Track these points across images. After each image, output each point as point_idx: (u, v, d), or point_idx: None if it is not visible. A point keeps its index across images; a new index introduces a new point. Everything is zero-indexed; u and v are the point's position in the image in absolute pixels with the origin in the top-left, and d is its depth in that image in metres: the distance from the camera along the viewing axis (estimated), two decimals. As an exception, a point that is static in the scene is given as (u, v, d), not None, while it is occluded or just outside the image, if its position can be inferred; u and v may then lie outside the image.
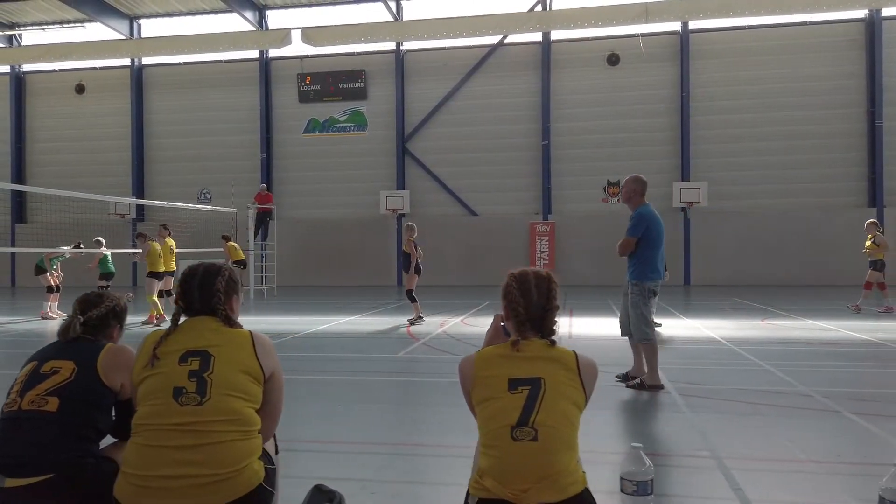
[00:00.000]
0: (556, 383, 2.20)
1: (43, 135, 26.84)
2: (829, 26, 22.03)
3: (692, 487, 3.71)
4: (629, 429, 5.05)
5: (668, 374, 6.81)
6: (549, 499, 2.02)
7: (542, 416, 2.13)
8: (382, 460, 4.17)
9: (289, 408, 5.64)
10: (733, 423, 4.98)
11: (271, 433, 2.54)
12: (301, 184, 25.07)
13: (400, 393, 6.52)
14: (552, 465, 2.07)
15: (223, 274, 2.57)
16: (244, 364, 2.37)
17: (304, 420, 5.24)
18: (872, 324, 10.96)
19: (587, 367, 2.29)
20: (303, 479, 3.33)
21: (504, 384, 2.20)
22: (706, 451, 4.24)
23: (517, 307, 2.34)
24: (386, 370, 7.58)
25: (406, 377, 7.28)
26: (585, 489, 2.11)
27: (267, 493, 2.32)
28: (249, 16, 23.78)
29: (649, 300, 6.08)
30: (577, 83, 23.49)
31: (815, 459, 4.06)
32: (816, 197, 22.03)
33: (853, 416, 5.01)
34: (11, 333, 11.39)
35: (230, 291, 2.57)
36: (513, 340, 2.31)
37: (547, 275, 2.45)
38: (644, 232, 6.07)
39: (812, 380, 6.40)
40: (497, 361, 2.28)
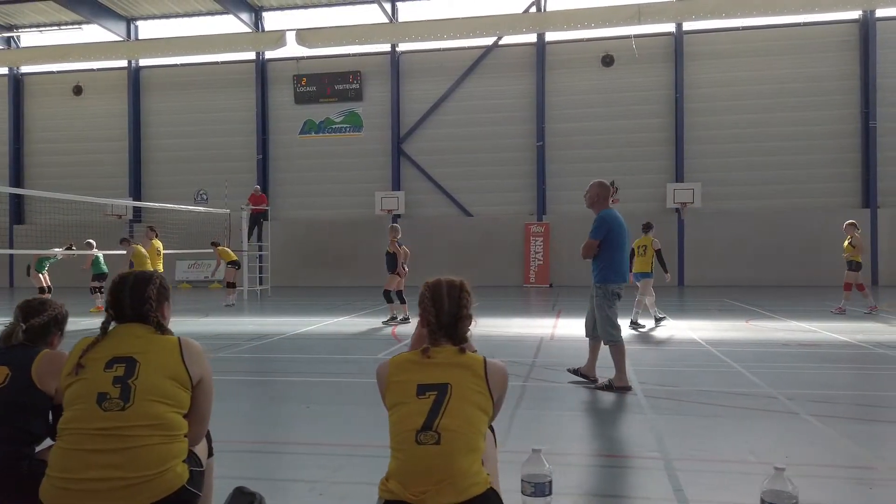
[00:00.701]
0: (462, 389, 2.27)
1: (41, 136, 27.00)
2: (822, 27, 22.06)
3: (635, 488, 3.79)
4: (589, 430, 5.12)
5: (640, 375, 6.90)
6: (448, 500, 2.10)
7: (446, 421, 2.20)
8: (339, 461, 4.25)
9: (259, 409, 5.77)
10: (691, 424, 5.05)
11: (200, 437, 2.61)
12: (297, 185, 25.19)
13: (371, 395, 6.56)
14: (453, 468, 2.15)
15: (154, 282, 2.64)
16: (170, 370, 2.45)
17: (271, 422, 5.33)
18: (855, 325, 11.00)
19: (495, 374, 2.36)
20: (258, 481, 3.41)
21: (413, 389, 2.28)
22: (657, 453, 4.31)
23: (429, 316, 2.43)
24: (363, 371, 7.65)
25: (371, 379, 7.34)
26: (488, 490, 2.18)
27: (191, 495, 2.40)
28: (245, 17, 23.89)
29: (614, 302, 6.18)
30: (571, 84, 23.55)
31: (762, 461, 4.13)
32: (810, 198, 22.06)
33: (811, 418, 5.08)
34: None
35: (161, 298, 2.65)
36: (423, 348, 2.39)
37: (460, 284, 2.53)
38: (606, 235, 6.17)
39: (780, 382, 6.47)
40: (408, 367, 2.36)
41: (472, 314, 2.58)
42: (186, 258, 23.95)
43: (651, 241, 10.98)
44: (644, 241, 11.05)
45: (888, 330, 10.55)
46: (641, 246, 11.08)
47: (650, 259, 10.98)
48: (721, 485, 3.78)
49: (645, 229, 11.16)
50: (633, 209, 22.98)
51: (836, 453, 4.27)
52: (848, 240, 13.01)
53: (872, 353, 8.21)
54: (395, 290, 11.99)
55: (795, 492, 2.10)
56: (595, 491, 3.72)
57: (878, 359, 7.88)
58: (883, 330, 10.54)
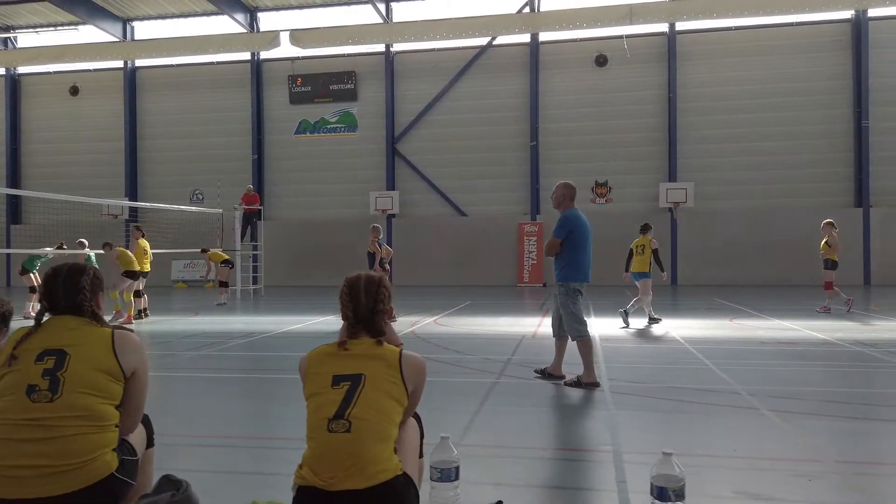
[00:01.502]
0: (375, 379, 2.35)
1: (38, 136, 27.15)
2: (815, 27, 22.11)
3: (581, 480, 3.87)
4: (549, 425, 5.19)
5: (612, 372, 6.98)
6: (356, 486, 2.18)
7: (358, 410, 2.28)
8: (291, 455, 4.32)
9: (221, 405, 5.84)
10: (650, 419, 5.12)
11: (134, 427, 2.69)
12: (292, 184, 25.29)
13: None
14: (362, 455, 2.22)
15: (87, 272, 2.72)
16: (100, 363, 2.52)
17: (234, 417, 5.41)
18: (838, 324, 11.07)
19: (410, 365, 2.44)
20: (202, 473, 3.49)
21: (329, 380, 2.37)
22: (610, 447, 4.39)
23: (346, 310, 2.51)
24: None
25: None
26: (397, 477, 2.26)
27: (121, 483, 2.48)
28: (240, 18, 24.00)
29: (577, 299, 6.27)
30: (565, 84, 23.62)
31: (710, 454, 4.21)
32: (803, 197, 22.10)
33: (769, 413, 5.15)
34: None
35: (95, 289, 2.72)
36: (341, 341, 2.47)
37: (378, 280, 2.60)
38: (568, 234, 6.26)
39: (748, 378, 6.54)
40: (325, 360, 2.45)
41: (392, 308, 2.65)
42: (182, 258, 24.06)
43: (649, 241, 11.12)
44: (642, 241, 11.19)
45: (868, 329, 10.61)
46: (639, 246, 11.21)
47: (647, 259, 11.10)
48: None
49: (643, 230, 11.29)
50: (626, 209, 23.09)
51: (785, 447, 4.34)
52: (825, 238, 13.13)
53: (847, 351, 8.27)
54: None
55: (683, 475, 2.18)
56: (542, 483, 3.79)
57: (852, 356, 7.94)
58: (863, 329, 10.60)
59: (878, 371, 7.08)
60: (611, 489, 3.59)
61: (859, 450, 4.31)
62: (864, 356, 7.90)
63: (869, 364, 7.44)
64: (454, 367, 7.40)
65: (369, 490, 2.17)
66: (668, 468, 2.15)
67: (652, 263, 11.25)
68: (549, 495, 3.60)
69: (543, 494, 3.62)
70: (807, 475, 3.76)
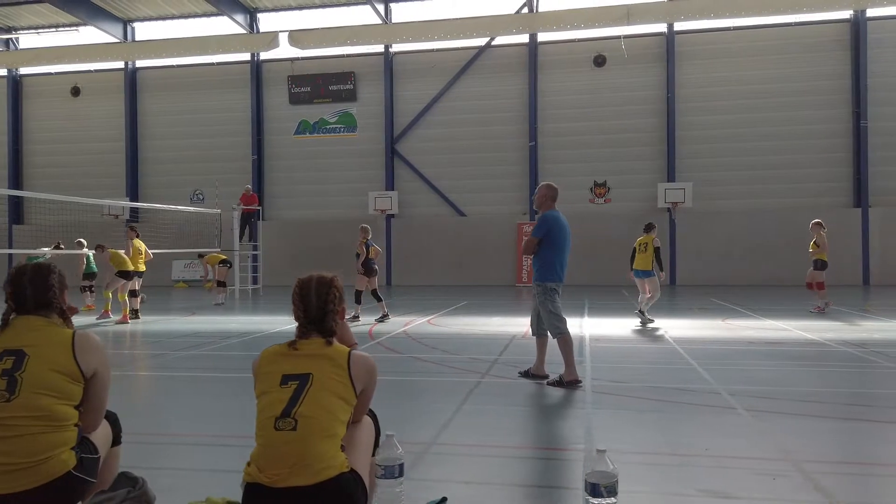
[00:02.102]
0: (323, 378, 2.40)
1: (39, 137, 27.30)
2: (814, 27, 22.09)
3: (549, 478, 3.91)
4: (525, 424, 5.23)
5: (596, 371, 7.02)
6: (300, 482, 2.23)
7: (304, 408, 2.33)
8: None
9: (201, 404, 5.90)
10: (625, 418, 5.16)
11: (95, 426, 2.73)
12: (292, 185, 25.38)
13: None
14: (308, 453, 2.28)
15: (54, 270, 2.78)
16: (59, 364, 2.57)
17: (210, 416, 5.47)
18: (828, 324, 11.09)
19: (358, 365, 2.49)
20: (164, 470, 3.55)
21: (278, 379, 2.42)
22: (581, 445, 4.44)
23: (298, 311, 2.56)
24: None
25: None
26: (342, 474, 2.30)
27: (79, 481, 2.53)
28: (240, 19, 24.10)
29: (555, 297, 6.33)
30: (563, 84, 23.65)
31: (680, 453, 4.25)
32: (802, 197, 22.08)
33: (745, 413, 5.19)
34: None
35: (62, 287, 2.78)
36: (291, 341, 2.53)
37: (329, 281, 2.64)
38: (545, 234, 6.35)
39: (730, 378, 6.58)
40: (275, 359, 2.50)
41: (343, 308, 2.69)
42: (182, 258, 24.17)
43: (652, 240, 11.28)
44: (646, 240, 11.35)
45: (858, 329, 10.62)
46: (643, 244, 11.38)
47: (650, 257, 11.23)
48: (628, 474, 3.89)
49: (647, 229, 11.44)
50: (625, 209, 23.12)
51: (756, 446, 4.37)
52: (814, 239, 13.19)
53: (834, 351, 8.29)
54: (365, 290, 12.15)
55: (615, 472, 2.23)
56: (511, 481, 3.83)
57: (837, 356, 7.96)
58: (853, 329, 10.61)
59: (861, 371, 7.10)
60: (576, 487, 3.63)
61: (828, 449, 4.35)
62: (850, 356, 7.92)
63: (853, 364, 7.46)
64: (440, 367, 7.45)
65: (314, 487, 2.22)
66: (602, 465, 2.20)
67: (653, 262, 11.35)
68: (516, 493, 3.65)
69: (511, 492, 3.66)
70: (772, 474, 3.80)
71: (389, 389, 6.60)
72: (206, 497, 2.45)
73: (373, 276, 12.23)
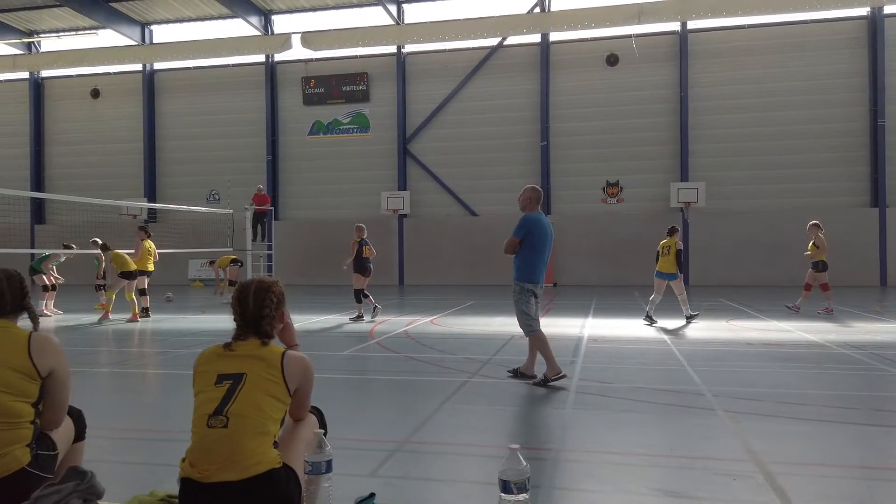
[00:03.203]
0: (256, 378, 2.50)
1: (61, 138, 27.83)
2: (830, 24, 21.81)
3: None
4: (502, 423, 5.28)
5: (585, 372, 7.07)
6: (230, 478, 2.33)
7: (236, 407, 2.43)
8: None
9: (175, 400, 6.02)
10: (602, 419, 5.20)
11: (55, 423, 2.86)
12: (305, 185, 25.62)
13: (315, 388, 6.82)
14: (238, 449, 2.37)
15: (20, 275, 2.92)
16: (14, 363, 2.70)
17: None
18: (832, 326, 11.00)
19: (291, 365, 2.58)
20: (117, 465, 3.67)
21: (213, 378, 2.53)
22: (550, 445, 4.49)
23: (235, 314, 2.66)
24: (322, 367, 7.90)
25: (326, 374, 7.58)
26: (273, 470, 2.40)
27: (32, 476, 2.65)
28: (255, 21, 24.37)
29: (530, 298, 6.43)
30: (576, 84, 23.60)
31: (645, 453, 4.28)
32: (817, 197, 21.81)
33: (724, 414, 5.21)
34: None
35: (24, 293, 2.92)
36: (227, 343, 2.63)
37: (268, 286, 2.73)
38: (526, 235, 6.48)
39: (718, 380, 6.58)
40: (212, 359, 2.61)
41: (283, 313, 2.78)
42: (197, 257, 24.51)
43: (675, 243, 11.61)
44: (669, 243, 11.67)
45: (862, 331, 10.51)
46: (666, 247, 11.67)
47: (673, 259, 11.52)
48: (588, 473, 3.95)
49: (670, 233, 11.77)
50: (637, 208, 23.03)
51: (725, 447, 4.39)
52: (812, 240, 13.13)
53: (832, 353, 8.23)
54: (358, 289, 12.32)
55: (527, 469, 2.30)
56: (472, 479, 3.88)
57: (834, 358, 7.90)
58: (857, 331, 10.51)
59: (853, 374, 7.05)
60: (541, 486, 3.69)
61: (797, 451, 4.35)
62: (846, 359, 7.86)
63: (848, 367, 7.41)
64: (432, 367, 7.54)
65: (243, 482, 2.32)
66: (514, 462, 2.27)
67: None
68: (474, 490, 3.71)
69: (469, 489, 3.72)
70: (735, 475, 3.83)
71: (375, 388, 6.72)
72: (150, 491, 2.55)
73: (367, 275, 12.37)
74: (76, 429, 3.05)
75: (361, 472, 3.93)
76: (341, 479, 3.89)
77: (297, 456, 2.52)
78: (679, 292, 11.53)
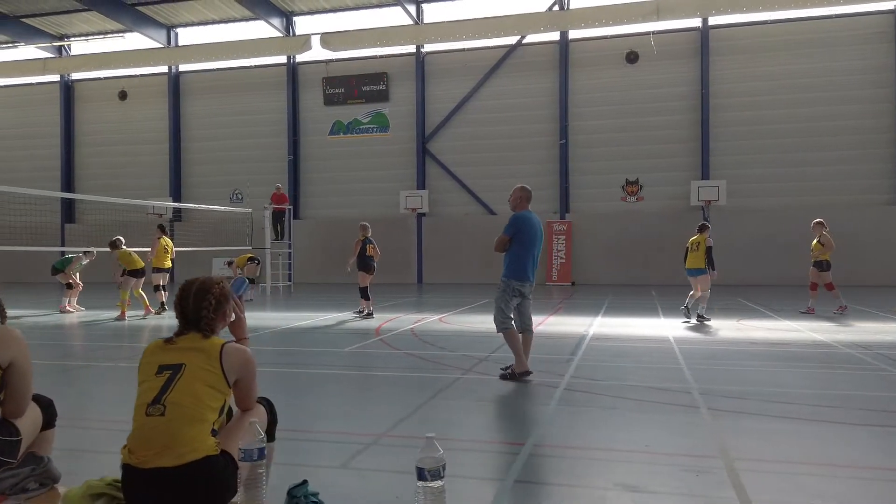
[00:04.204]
0: (195, 369, 2.62)
1: (90, 139, 28.51)
2: (854, 19, 21.38)
3: (474, 470, 4.03)
4: (480, 418, 5.33)
5: (578, 369, 7.11)
6: (166, 464, 2.45)
7: (174, 396, 2.56)
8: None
9: None
10: (583, 416, 5.25)
11: (18, 413, 2.99)
12: (326, 184, 25.89)
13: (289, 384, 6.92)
14: (174, 437, 2.50)
15: None
16: None
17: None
18: (844, 326, 10.84)
19: (230, 357, 2.70)
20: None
21: (154, 369, 2.66)
22: (526, 440, 4.55)
23: (177, 310, 2.79)
24: (313, 363, 8.03)
25: (322, 370, 7.70)
26: (209, 457, 2.51)
27: None
28: (276, 22, 24.70)
29: (511, 297, 6.54)
30: (595, 82, 23.49)
31: (620, 449, 4.32)
32: (841, 194, 21.42)
33: (706, 412, 5.22)
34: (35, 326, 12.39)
35: None
36: (169, 337, 2.75)
37: (208, 287, 2.84)
38: (515, 234, 6.60)
39: (710, 378, 6.58)
40: (155, 351, 2.74)
41: (225, 311, 2.88)
42: (220, 255, 24.93)
43: (704, 239, 11.61)
44: (699, 239, 11.69)
45: (874, 331, 10.35)
46: (695, 243, 11.72)
47: (702, 256, 11.52)
48: (556, 468, 4.01)
49: (700, 229, 11.81)
50: (657, 207, 22.86)
51: (698, 444, 4.42)
52: (817, 239, 12.94)
53: (836, 353, 8.13)
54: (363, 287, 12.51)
55: (442, 458, 2.38)
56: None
57: (838, 358, 7.81)
58: (868, 331, 10.35)
59: (850, 373, 6.96)
60: (497, 478, 3.77)
61: (769, 449, 4.33)
62: (850, 358, 7.76)
63: (848, 366, 7.31)
64: (428, 363, 7.63)
65: (178, 468, 2.44)
66: (430, 451, 2.36)
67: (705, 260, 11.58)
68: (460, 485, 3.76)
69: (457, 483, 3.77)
70: (699, 470, 3.86)
71: (365, 384, 6.83)
72: (102, 476, 2.68)
73: (370, 273, 12.59)
74: (45, 417, 3.19)
75: (332, 464, 4.05)
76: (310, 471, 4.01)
77: (237, 444, 2.63)
78: (703, 288, 11.49)
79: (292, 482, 3.03)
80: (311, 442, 4.60)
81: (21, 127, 29.08)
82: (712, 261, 11.49)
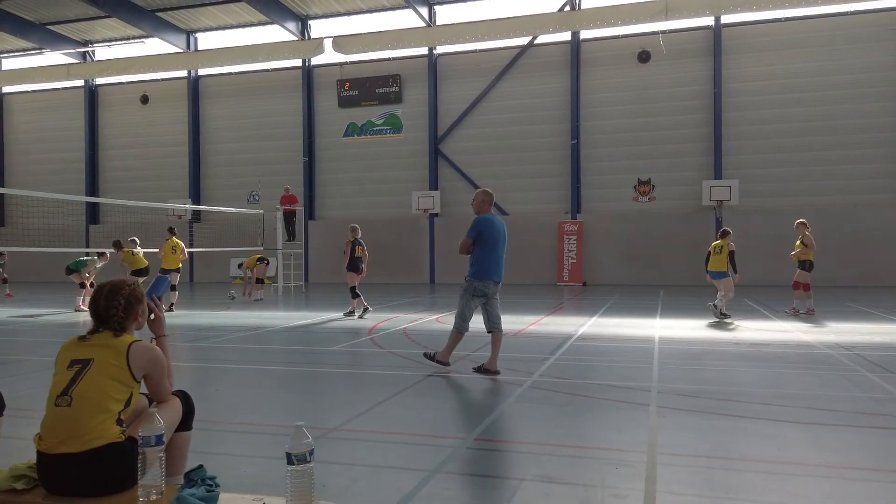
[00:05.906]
0: (102, 364, 2.87)
1: (113, 143, 29.26)
2: (870, 16, 21.08)
3: (404, 461, 4.21)
4: (433, 414, 5.50)
5: (550, 368, 7.24)
6: (71, 450, 2.71)
7: (80, 388, 2.80)
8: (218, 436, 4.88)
9: None
10: (536, 411, 5.40)
11: None
12: (340, 185, 26.25)
13: (281, 380, 7.20)
14: (80, 426, 2.74)
15: None
16: None
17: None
18: (838, 326, 10.81)
19: (137, 355, 2.93)
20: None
21: (66, 364, 2.90)
22: (464, 435, 4.73)
23: (90, 311, 3.03)
24: (296, 361, 8.30)
25: (302, 368, 7.95)
26: (113, 444, 2.74)
27: None
28: (291, 26, 25.12)
29: (474, 297, 6.74)
30: (607, 81, 23.49)
31: (555, 444, 4.48)
32: (856, 194, 21.14)
33: (655, 410, 5.34)
34: (47, 324, 12.89)
35: None
36: (82, 335, 2.99)
37: (118, 289, 3.07)
38: (477, 236, 6.87)
39: (676, 378, 6.68)
40: (70, 347, 2.99)
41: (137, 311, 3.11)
42: (237, 256, 25.43)
43: (727, 244, 12.07)
44: (721, 243, 12.17)
45: (863, 332, 10.29)
46: (718, 247, 12.19)
47: (724, 259, 12.00)
48: (498, 461, 4.18)
49: (722, 235, 12.29)
50: (669, 207, 22.78)
51: (631, 439, 4.54)
52: (800, 239, 12.92)
53: (814, 354, 8.15)
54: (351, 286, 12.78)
55: (310, 444, 2.58)
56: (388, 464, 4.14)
57: (813, 359, 7.83)
58: (858, 332, 10.30)
59: (818, 374, 6.99)
60: (433, 470, 3.95)
61: (699, 445, 4.45)
62: (826, 359, 7.79)
63: (819, 367, 7.34)
64: (407, 362, 7.83)
65: (82, 454, 2.70)
66: (299, 438, 2.57)
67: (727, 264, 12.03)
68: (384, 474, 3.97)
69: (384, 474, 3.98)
70: (620, 464, 4.01)
71: (337, 381, 7.02)
72: (28, 461, 2.93)
73: (358, 273, 12.89)
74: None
75: (273, 455, 4.25)
76: (249, 461, 4.24)
77: (150, 434, 2.87)
78: (725, 290, 11.90)
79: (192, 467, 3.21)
80: (248, 434, 4.81)
81: (47, 131, 29.97)
82: (734, 265, 11.97)
